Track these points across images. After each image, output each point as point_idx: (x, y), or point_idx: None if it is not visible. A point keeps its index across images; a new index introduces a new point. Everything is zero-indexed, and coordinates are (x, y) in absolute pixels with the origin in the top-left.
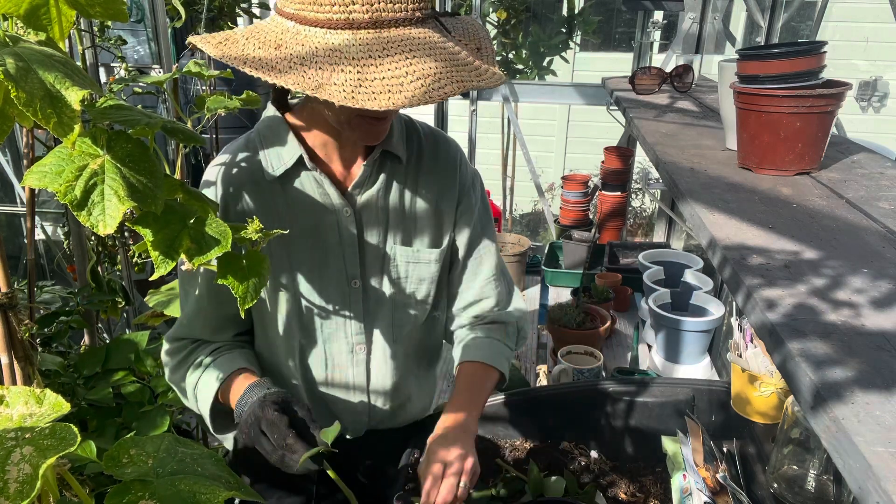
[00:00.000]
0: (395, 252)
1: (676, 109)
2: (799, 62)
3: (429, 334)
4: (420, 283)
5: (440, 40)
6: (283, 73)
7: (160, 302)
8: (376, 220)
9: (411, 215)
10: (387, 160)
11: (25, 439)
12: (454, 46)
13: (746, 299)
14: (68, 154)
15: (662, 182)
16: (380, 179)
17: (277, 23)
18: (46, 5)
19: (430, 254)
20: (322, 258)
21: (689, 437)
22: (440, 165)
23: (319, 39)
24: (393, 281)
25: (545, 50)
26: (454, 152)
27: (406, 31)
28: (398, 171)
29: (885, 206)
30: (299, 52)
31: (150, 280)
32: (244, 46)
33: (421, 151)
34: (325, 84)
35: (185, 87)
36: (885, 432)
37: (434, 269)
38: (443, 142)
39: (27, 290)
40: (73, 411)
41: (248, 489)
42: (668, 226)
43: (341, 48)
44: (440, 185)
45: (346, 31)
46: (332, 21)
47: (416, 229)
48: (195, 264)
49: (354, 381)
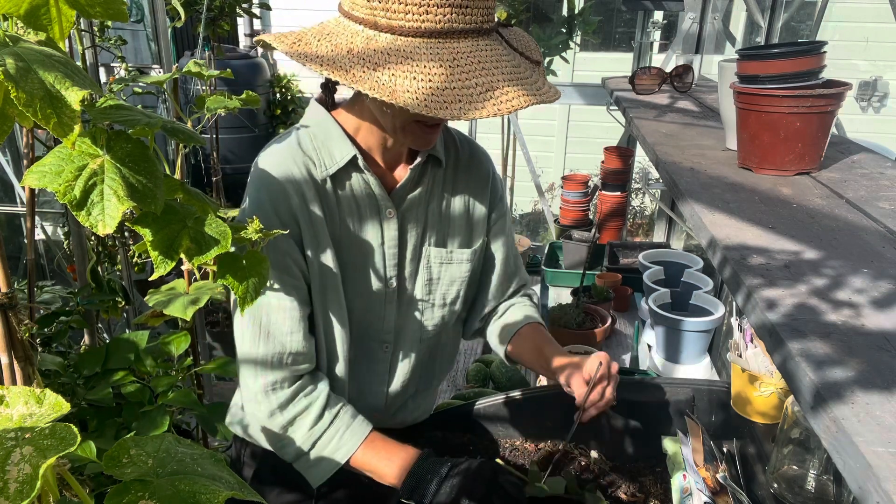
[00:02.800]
0: (430, 253)
1: (676, 109)
2: (799, 62)
3: (452, 338)
4: (451, 284)
5: (504, 53)
6: (357, 77)
7: (160, 302)
8: (416, 222)
9: (447, 217)
10: (429, 164)
11: (25, 439)
12: (515, 60)
13: (746, 299)
14: (68, 154)
15: (662, 182)
16: (423, 182)
17: (345, 26)
18: (46, 5)
19: (462, 254)
20: (364, 258)
21: (689, 437)
22: (474, 171)
23: (390, 45)
24: (426, 282)
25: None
26: (487, 161)
27: (475, 42)
28: (438, 174)
29: (885, 206)
30: (371, 57)
31: (150, 280)
32: (317, 47)
33: (458, 157)
34: (398, 91)
35: (185, 87)
36: (885, 432)
37: (465, 269)
38: (477, 149)
39: (27, 290)
40: (73, 411)
41: (248, 489)
42: (668, 226)
43: (413, 55)
44: (474, 190)
45: (417, 38)
46: (403, 28)
47: (451, 231)
48: (194, 264)
49: (377, 378)
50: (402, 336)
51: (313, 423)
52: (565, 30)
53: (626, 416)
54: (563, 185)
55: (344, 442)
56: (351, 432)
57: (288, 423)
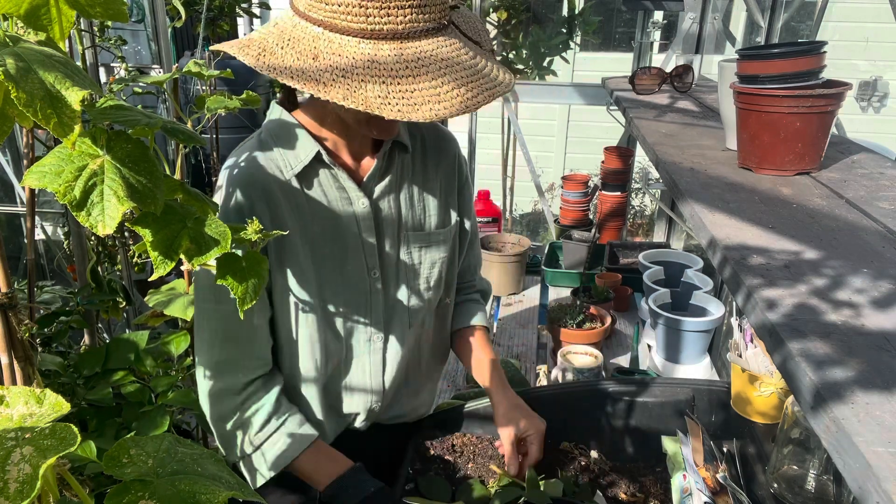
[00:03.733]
0: (409, 238)
1: (676, 109)
2: (799, 62)
3: (441, 325)
4: (433, 266)
5: (462, 47)
6: (328, 86)
7: (160, 302)
8: (390, 209)
9: (421, 201)
10: (395, 150)
11: (25, 439)
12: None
13: (746, 299)
14: (68, 154)
15: (662, 182)
16: (392, 170)
17: (303, 28)
18: (46, 5)
19: (439, 235)
20: (342, 251)
21: (689, 437)
22: (442, 153)
23: (354, 49)
24: (408, 267)
25: (545, 50)
26: (454, 142)
27: (435, 39)
28: (406, 160)
29: (885, 206)
30: (338, 63)
31: (150, 280)
32: (282, 57)
33: (424, 141)
34: (370, 97)
35: (185, 87)
36: (885, 432)
37: (444, 249)
38: (442, 131)
39: (27, 290)
40: (73, 411)
41: (248, 489)
42: (668, 226)
43: (379, 60)
44: (443, 171)
45: (380, 41)
46: (365, 31)
47: (426, 214)
48: (195, 264)
49: (371, 369)
50: (392, 325)
51: (258, 430)
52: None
53: (626, 416)
54: (563, 185)
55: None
56: (295, 439)
57: (235, 427)
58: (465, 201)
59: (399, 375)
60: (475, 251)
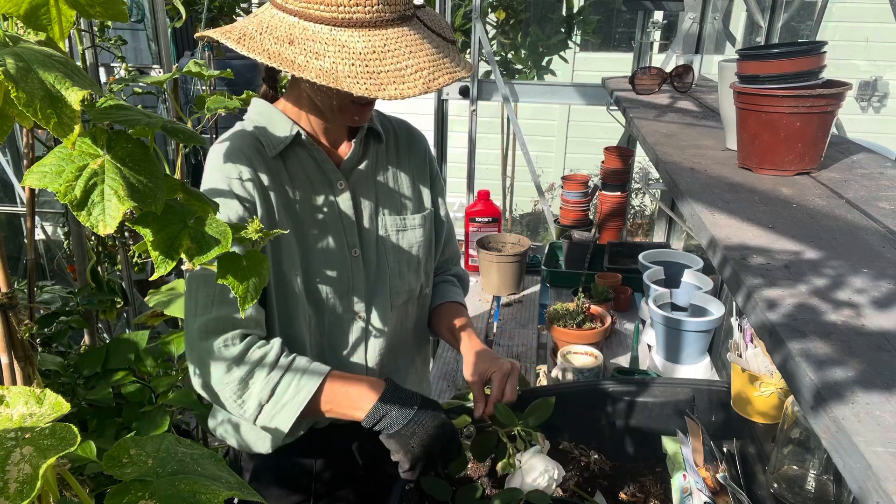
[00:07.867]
0: (386, 222)
1: (676, 109)
2: (799, 62)
3: (421, 311)
4: (410, 247)
5: (425, 37)
6: (303, 66)
7: (160, 302)
8: (367, 192)
9: (396, 188)
10: (370, 138)
11: (25, 439)
12: (435, 41)
13: (747, 299)
14: (68, 154)
15: (662, 182)
16: (368, 156)
17: (280, 18)
18: (46, 5)
19: (414, 219)
20: (324, 230)
21: (689, 437)
22: (413, 148)
23: (327, 36)
24: (387, 249)
25: (544, 50)
26: (423, 139)
27: (400, 28)
28: (380, 149)
29: (885, 206)
30: (312, 48)
31: (150, 280)
32: (261, 42)
33: (396, 135)
34: (340, 76)
35: (185, 87)
36: (885, 432)
37: (420, 234)
38: (412, 129)
39: (27, 290)
40: (73, 411)
41: (248, 489)
42: (668, 226)
43: (349, 45)
44: (415, 164)
45: (350, 28)
46: (337, 20)
47: (402, 200)
48: (195, 264)
49: (354, 350)
50: (374, 305)
51: (270, 370)
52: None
53: (626, 416)
54: (563, 185)
55: (303, 384)
56: (309, 375)
57: (247, 374)
58: (438, 193)
59: (385, 358)
60: (452, 246)
